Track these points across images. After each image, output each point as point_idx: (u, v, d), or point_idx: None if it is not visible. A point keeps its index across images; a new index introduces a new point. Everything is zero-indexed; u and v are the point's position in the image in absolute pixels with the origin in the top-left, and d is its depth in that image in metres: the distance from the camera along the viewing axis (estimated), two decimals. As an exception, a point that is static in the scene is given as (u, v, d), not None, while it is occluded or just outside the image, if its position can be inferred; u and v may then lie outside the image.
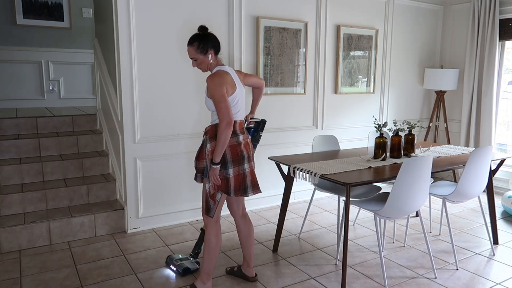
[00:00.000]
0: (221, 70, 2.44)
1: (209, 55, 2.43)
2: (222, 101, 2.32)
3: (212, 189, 2.45)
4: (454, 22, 5.23)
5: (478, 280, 2.80)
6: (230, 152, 2.41)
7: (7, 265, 2.92)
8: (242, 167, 2.46)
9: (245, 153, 2.47)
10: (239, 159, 2.43)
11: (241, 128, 2.52)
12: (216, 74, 2.41)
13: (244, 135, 2.52)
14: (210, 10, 3.68)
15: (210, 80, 2.37)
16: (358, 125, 4.80)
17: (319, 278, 2.81)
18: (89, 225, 3.42)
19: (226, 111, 2.32)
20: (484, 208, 3.78)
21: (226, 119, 2.31)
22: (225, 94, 2.34)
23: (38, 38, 5.49)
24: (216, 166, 2.37)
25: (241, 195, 2.47)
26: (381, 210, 2.62)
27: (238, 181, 2.45)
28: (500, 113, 4.97)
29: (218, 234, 2.52)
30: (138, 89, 3.44)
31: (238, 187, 2.45)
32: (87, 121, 4.45)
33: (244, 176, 2.47)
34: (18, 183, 3.62)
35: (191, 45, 2.43)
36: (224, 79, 2.37)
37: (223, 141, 2.32)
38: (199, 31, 2.45)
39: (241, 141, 2.46)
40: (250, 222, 2.71)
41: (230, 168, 2.42)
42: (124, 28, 3.31)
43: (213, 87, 2.34)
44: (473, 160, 2.88)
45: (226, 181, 2.42)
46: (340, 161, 3.04)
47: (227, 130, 2.32)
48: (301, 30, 4.18)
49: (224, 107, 2.32)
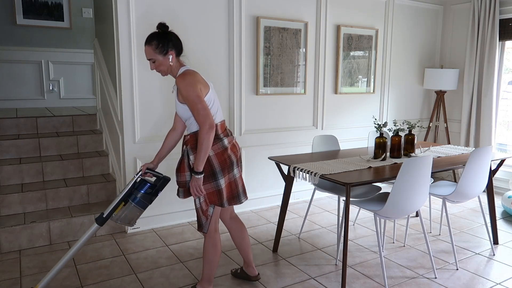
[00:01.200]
0: (189, 69, 2.22)
1: (169, 56, 2.20)
2: (198, 101, 2.09)
3: (205, 204, 2.25)
4: (454, 22, 5.23)
5: (478, 280, 2.80)
6: (218, 161, 2.21)
7: (7, 265, 2.92)
8: (232, 174, 2.29)
9: (233, 158, 2.29)
10: (228, 167, 2.25)
11: (224, 131, 2.30)
12: (186, 73, 2.17)
13: (229, 137, 2.31)
14: (210, 10, 3.68)
15: (181, 80, 2.13)
16: (358, 125, 4.80)
17: (319, 278, 2.81)
18: (89, 225, 3.42)
19: (205, 113, 2.08)
20: (484, 208, 3.78)
21: (207, 121, 2.08)
22: (200, 94, 2.10)
23: (38, 38, 5.49)
24: (199, 176, 2.15)
25: (235, 203, 2.34)
26: (381, 210, 2.62)
27: (230, 189, 2.30)
28: (500, 113, 4.97)
29: (216, 244, 2.37)
30: (138, 89, 3.44)
31: (231, 195, 2.31)
32: (87, 121, 4.45)
33: (235, 182, 2.32)
34: (18, 183, 3.62)
35: (149, 45, 2.18)
36: (196, 78, 2.16)
37: (205, 147, 2.10)
38: (158, 29, 2.22)
39: (226, 145, 2.26)
40: (241, 222, 2.58)
41: (221, 178, 2.22)
42: (124, 28, 3.31)
43: (185, 87, 2.10)
44: (473, 160, 2.88)
45: (218, 193, 2.23)
46: (340, 161, 3.04)
47: (209, 134, 2.09)
48: (301, 30, 4.18)
49: (202, 109, 2.08)
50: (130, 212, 2.31)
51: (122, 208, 2.30)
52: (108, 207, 2.31)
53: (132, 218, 2.33)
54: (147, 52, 2.20)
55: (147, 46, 2.20)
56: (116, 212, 2.30)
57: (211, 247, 2.37)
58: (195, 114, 2.11)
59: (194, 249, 3.24)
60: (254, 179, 4.15)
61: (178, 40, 2.26)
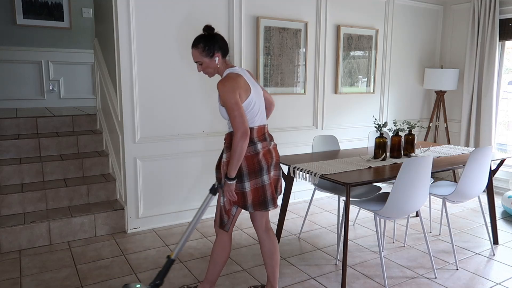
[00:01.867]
0: (232, 73, 2.20)
1: (215, 58, 2.20)
2: (236, 109, 2.07)
3: (228, 204, 2.24)
4: (454, 22, 5.23)
5: (478, 280, 2.80)
6: (246, 164, 2.17)
7: (7, 265, 2.92)
8: (261, 179, 2.21)
9: (263, 164, 2.21)
10: (256, 171, 2.19)
11: (260, 135, 2.25)
12: (227, 78, 2.16)
13: (265, 142, 2.25)
14: (210, 10, 3.68)
15: (220, 86, 2.12)
16: (358, 125, 4.80)
17: (319, 278, 2.81)
18: (89, 225, 3.42)
19: (241, 120, 2.07)
20: (484, 208, 3.78)
21: (240, 129, 2.07)
22: (238, 101, 2.09)
23: (38, 38, 5.49)
24: (231, 182, 2.14)
25: (260, 209, 2.24)
26: (381, 210, 2.62)
27: (256, 195, 2.22)
28: (500, 113, 4.97)
29: (226, 247, 2.34)
30: (138, 89, 3.44)
31: (257, 201, 2.22)
32: (87, 121, 4.45)
33: (263, 189, 2.22)
34: (18, 183, 3.62)
35: (195, 48, 2.19)
36: (237, 83, 2.13)
37: (238, 154, 2.08)
38: (204, 32, 2.21)
39: (259, 150, 2.21)
40: (274, 237, 2.41)
41: (246, 182, 2.18)
42: (124, 28, 3.31)
43: (225, 94, 2.10)
44: (473, 160, 2.88)
45: (243, 195, 2.20)
46: (340, 161, 3.04)
47: (243, 142, 2.07)
48: (301, 30, 4.18)
49: (238, 116, 2.07)
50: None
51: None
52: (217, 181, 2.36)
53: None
54: (194, 55, 2.21)
55: (193, 49, 2.20)
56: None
57: (220, 248, 2.34)
58: (231, 119, 2.11)
59: (194, 249, 3.24)
60: (254, 179, 4.14)
61: (223, 41, 2.24)
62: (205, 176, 3.89)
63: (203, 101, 3.76)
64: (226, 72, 2.22)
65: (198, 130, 3.77)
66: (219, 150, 3.94)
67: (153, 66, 3.48)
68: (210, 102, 3.78)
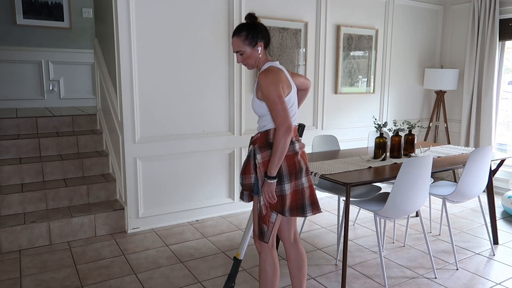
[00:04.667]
0: (273, 66, 2.08)
1: (258, 48, 2.07)
2: (279, 102, 1.96)
3: (264, 208, 2.06)
4: (454, 22, 5.23)
5: (478, 280, 2.80)
6: (286, 164, 2.04)
7: (7, 265, 2.92)
8: (300, 181, 2.07)
9: (302, 165, 2.08)
10: (296, 172, 2.05)
11: (296, 135, 2.16)
12: (270, 70, 2.04)
13: (300, 143, 2.16)
14: (210, 10, 3.68)
15: (263, 77, 2.00)
16: (358, 125, 4.80)
17: (319, 278, 2.81)
18: (89, 225, 3.42)
19: (284, 114, 1.95)
20: (484, 208, 3.78)
21: (285, 123, 1.95)
22: (281, 94, 1.97)
23: (38, 38, 5.49)
24: (272, 181, 2.00)
25: (297, 215, 2.08)
26: (381, 210, 2.62)
27: (294, 198, 2.07)
28: (500, 113, 4.97)
29: (275, 263, 2.14)
30: (138, 89, 3.44)
31: (295, 205, 2.07)
32: (87, 121, 4.45)
33: (302, 192, 2.07)
34: (18, 183, 3.62)
35: (237, 36, 2.08)
36: (280, 77, 2.02)
37: (281, 150, 1.96)
38: (247, 20, 2.11)
39: (297, 150, 2.09)
40: (302, 249, 2.26)
41: (286, 183, 2.03)
42: (124, 28, 3.31)
43: (268, 85, 1.97)
44: (473, 160, 2.88)
45: (282, 198, 2.04)
46: (340, 161, 3.04)
47: (287, 137, 1.96)
48: (301, 30, 4.18)
49: (282, 110, 1.95)
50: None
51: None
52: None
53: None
54: (235, 44, 2.10)
55: (235, 37, 2.10)
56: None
57: (269, 265, 2.12)
58: (273, 115, 1.98)
59: (194, 249, 3.24)
60: (254, 179, 4.14)
61: (267, 31, 2.13)
62: (205, 176, 3.89)
63: (203, 101, 3.76)
64: (266, 65, 2.10)
65: (198, 130, 3.77)
66: (219, 150, 3.97)
67: (153, 66, 3.48)
68: (210, 102, 3.78)
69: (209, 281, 2.74)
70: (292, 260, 2.24)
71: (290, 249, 2.24)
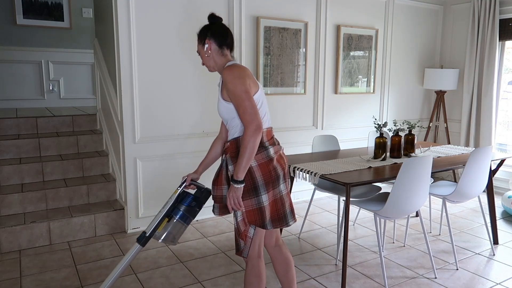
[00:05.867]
0: (237, 63, 1.94)
1: (206, 45, 1.94)
2: (246, 98, 1.78)
3: (243, 224, 1.89)
4: (454, 22, 5.23)
5: (478, 280, 2.80)
6: (261, 173, 1.86)
7: (7, 265, 2.92)
8: (278, 189, 1.91)
9: (279, 171, 1.91)
10: (273, 181, 1.89)
11: (270, 139, 1.96)
12: (234, 65, 1.89)
13: (276, 146, 1.97)
14: (210, 10, 3.67)
15: (228, 72, 1.84)
16: (358, 125, 4.80)
17: (319, 278, 2.81)
18: (89, 225, 3.42)
19: (253, 112, 1.77)
20: (484, 208, 3.78)
21: (254, 121, 1.77)
22: (248, 90, 1.80)
23: (38, 38, 5.49)
24: (239, 186, 1.81)
25: (280, 226, 1.94)
26: (381, 210, 2.62)
27: (275, 208, 1.92)
28: (500, 113, 4.97)
29: (261, 274, 1.97)
30: (138, 89, 3.44)
31: (276, 216, 1.92)
32: (87, 121, 4.45)
33: (281, 200, 1.93)
34: (18, 183, 3.62)
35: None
36: (246, 72, 1.87)
37: (250, 151, 1.77)
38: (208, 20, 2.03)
39: (272, 155, 1.91)
40: (287, 252, 2.13)
41: (264, 194, 1.86)
42: (124, 28, 3.31)
43: (233, 79, 1.81)
44: (473, 160, 2.88)
45: (260, 211, 1.87)
46: (340, 161, 3.04)
47: (256, 137, 1.77)
48: (301, 30, 4.18)
49: (250, 107, 1.78)
50: (173, 228, 2.04)
51: (165, 224, 2.04)
52: (150, 224, 2.03)
53: (175, 235, 2.06)
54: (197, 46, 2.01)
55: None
56: (159, 229, 2.02)
57: (254, 277, 1.97)
58: (241, 113, 1.80)
59: (194, 249, 3.24)
60: (254, 179, 4.15)
61: (221, 30, 1.98)
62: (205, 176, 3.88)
63: (203, 101, 3.76)
64: (229, 63, 1.94)
65: (198, 130, 3.77)
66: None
67: (153, 66, 3.48)
68: (210, 102, 3.78)
69: (209, 281, 2.74)
70: (277, 263, 2.12)
71: (273, 253, 2.12)
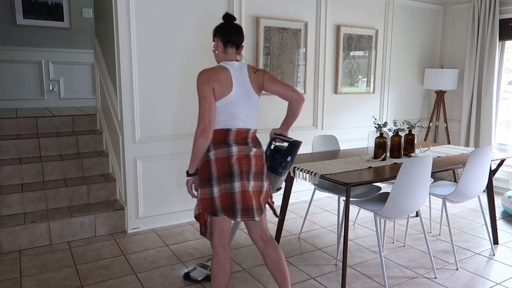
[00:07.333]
0: (218, 65, 2.10)
1: (213, 43, 2.15)
2: (202, 102, 1.99)
3: (197, 209, 2.11)
4: (454, 22, 5.23)
5: (478, 280, 2.80)
6: (216, 167, 2.03)
7: (7, 265, 2.92)
8: (230, 186, 2.03)
9: (235, 169, 2.03)
10: (225, 176, 2.03)
11: (240, 139, 2.09)
12: (206, 69, 2.05)
13: (243, 146, 2.09)
14: (210, 10, 3.68)
15: (199, 74, 2.04)
16: (358, 125, 4.80)
17: (319, 278, 2.81)
18: (89, 225, 3.42)
19: (204, 115, 1.99)
20: (484, 208, 3.78)
21: (202, 123, 1.99)
22: (207, 95, 1.99)
23: (38, 38, 5.49)
24: (188, 177, 2.11)
25: (228, 216, 2.07)
26: (381, 210, 2.62)
27: (224, 202, 2.05)
28: (500, 113, 4.97)
29: (221, 262, 2.11)
30: (138, 89, 3.44)
31: (225, 207, 2.05)
32: (87, 121, 4.45)
33: (232, 196, 2.03)
34: (18, 183, 3.62)
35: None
36: (215, 76, 2.02)
37: (196, 149, 2.02)
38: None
39: (233, 153, 2.04)
40: (276, 246, 2.20)
41: (215, 186, 2.04)
42: (124, 28, 3.31)
43: (197, 83, 2.02)
44: (473, 160, 2.88)
45: (211, 200, 2.05)
46: (340, 161, 3.04)
47: (201, 139, 1.99)
48: (301, 30, 4.18)
49: (203, 110, 1.99)
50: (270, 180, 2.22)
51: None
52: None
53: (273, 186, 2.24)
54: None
55: None
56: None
57: (216, 264, 2.12)
58: (198, 113, 2.02)
59: (194, 249, 3.24)
60: (254, 179, 4.14)
61: (228, 29, 2.12)
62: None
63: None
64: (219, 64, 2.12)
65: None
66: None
67: (153, 66, 3.48)
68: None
69: (209, 281, 2.74)
70: (267, 259, 2.20)
71: (263, 249, 2.20)
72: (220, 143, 2.06)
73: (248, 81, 2.11)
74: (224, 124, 2.06)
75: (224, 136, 2.06)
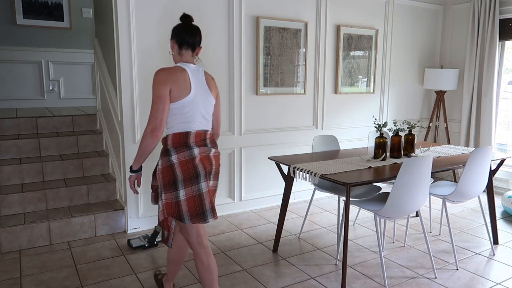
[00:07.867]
0: (177, 66, 2.10)
1: (170, 44, 2.15)
2: (156, 102, 1.98)
3: (161, 214, 2.07)
4: (454, 22, 5.23)
5: (478, 280, 2.80)
6: (181, 170, 2.03)
7: (7, 265, 2.92)
8: (197, 187, 2.04)
9: (200, 170, 2.05)
10: (191, 178, 2.03)
11: (199, 140, 2.10)
12: (166, 68, 2.04)
13: (203, 147, 2.11)
14: (210, 10, 3.68)
15: (155, 73, 2.02)
16: (358, 125, 4.80)
17: (319, 278, 2.81)
18: (89, 225, 3.42)
19: (156, 115, 1.97)
20: (484, 208, 3.78)
21: (152, 123, 1.98)
22: (163, 96, 1.97)
23: (38, 38, 5.49)
24: (131, 174, 2.16)
25: (199, 221, 2.04)
26: (381, 210, 2.62)
27: (192, 204, 2.03)
28: (500, 113, 4.97)
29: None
30: (138, 89, 3.44)
31: (194, 212, 2.03)
32: (87, 121, 4.45)
33: (200, 197, 2.04)
34: (18, 183, 3.62)
35: None
36: (173, 77, 2.01)
37: (142, 147, 2.04)
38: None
39: (195, 155, 2.06)
40: (210, 253, 2.15)
41: (181, 189, 2.02)
42: (124, 28, 3.31)
43: (153, 83, 2.00)
44: (473, 160, 2.88)
45: (177, 204, 2.02)
46: (340, 161, 3.04)
47: (149, 138, 2.00)
48: (301, 30, 4.18)
49: (155, 110, 1.97)
50: None
51: None
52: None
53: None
54: None
55: None
56: None
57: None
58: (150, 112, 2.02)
59: (194, 249, 3.24)
60: (254, 179, 4.15)
61: (183, 30, 2.14)
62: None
63: (203, 101, 3.76)
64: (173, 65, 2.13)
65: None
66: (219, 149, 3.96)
67: (153, 66, 3.48)
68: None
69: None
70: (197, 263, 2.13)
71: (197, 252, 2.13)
72: (181, 146, 2.07)
73: (205, 83, 2.15)
74: (183, 127, 2.07)
75: (184, 140, 2.07)
